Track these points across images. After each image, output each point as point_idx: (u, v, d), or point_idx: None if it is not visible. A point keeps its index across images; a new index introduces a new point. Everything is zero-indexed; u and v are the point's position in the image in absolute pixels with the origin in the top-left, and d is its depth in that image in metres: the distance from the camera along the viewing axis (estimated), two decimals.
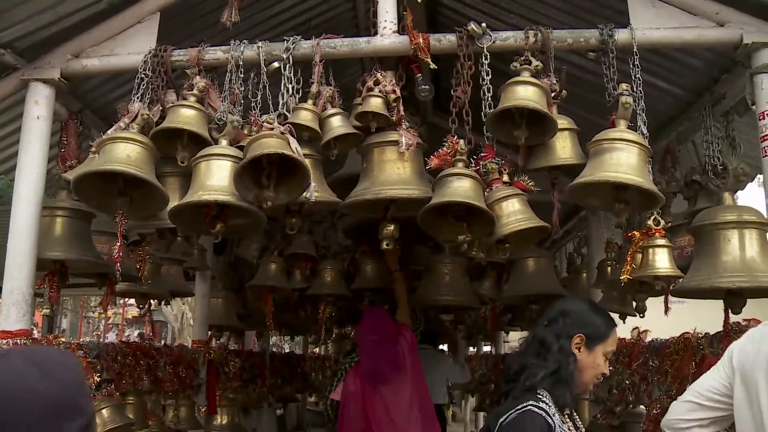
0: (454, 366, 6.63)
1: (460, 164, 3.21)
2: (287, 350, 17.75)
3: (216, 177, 3.14)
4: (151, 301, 5.29)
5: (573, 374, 2.43)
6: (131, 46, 3.50)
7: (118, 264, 3.27)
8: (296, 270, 5.48)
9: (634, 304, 4.51)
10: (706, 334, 3.76)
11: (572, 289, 5.55)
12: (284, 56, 3.39)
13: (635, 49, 3.26)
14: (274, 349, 11.99)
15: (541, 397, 2.34)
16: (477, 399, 9.63)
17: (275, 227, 5.48)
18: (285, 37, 3.43)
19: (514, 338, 10.24)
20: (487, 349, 12.26)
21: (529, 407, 2.28)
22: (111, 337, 25.68)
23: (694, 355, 3.69)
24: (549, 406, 2.31)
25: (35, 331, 3.56)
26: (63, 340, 3.63)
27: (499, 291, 5.51)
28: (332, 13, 4.50)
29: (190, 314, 12.44)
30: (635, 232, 3.30)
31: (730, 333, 3.61)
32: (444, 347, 8.00)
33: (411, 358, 4.51)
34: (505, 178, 3.30)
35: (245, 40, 3.45)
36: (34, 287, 3.33)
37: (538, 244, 5.51)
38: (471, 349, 11.82)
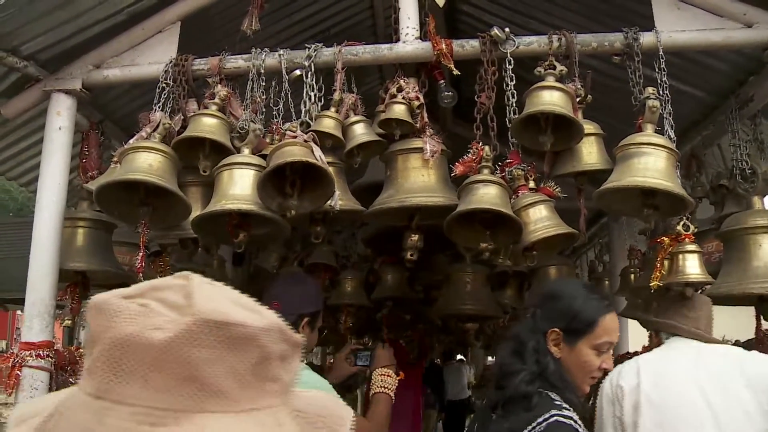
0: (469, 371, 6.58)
1: (485, 171, 3.16)
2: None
3: (239, 186, 3.11)
4: None
5: (562, 376, 2.11)
6: (152, 56, 3.48)
7: (141, 275, 3.24)
8: (316, 280, 5.42)
9: None
10: (736, 341, 3.69)
11: None
12: (306, 64, 3.36)
13: (661, 52, 3.21)
14: None
15: (557, 401, 2.03)
16: None
17: (294, 237, 5.43)
18: (306, 45, 3.41)
19: None
20: None
21: (554, 418, 1.95)
22: None
23: None
24: (572, 411, 2.00)
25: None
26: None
27: (521, 300, 5.43)
28: (350, 22, 4.47)
29: None
30: (664, 238, 3.23)
31: (763, 339, 3.55)
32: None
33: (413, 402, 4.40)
34: (531, 184, 3.25)
35: (266, 48, 3.42)
36: (56, 298, 3.31)
37: (559, 252, 5.46)
38: (489, 358, 11.73)
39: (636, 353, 4.59)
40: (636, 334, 5.20)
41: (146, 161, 3.07)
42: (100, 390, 0.67)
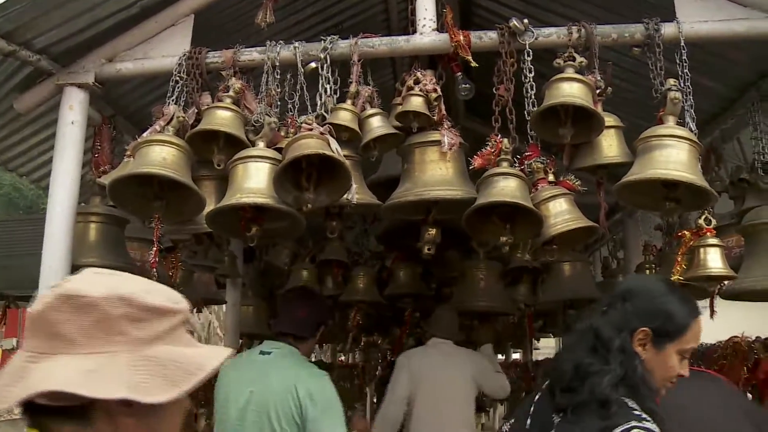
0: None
1: (505, 163, 3.11)
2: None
3: (254, 179, 3.06)
4: None
5: (647, 381, 1.88)
6: (165, 49, 3.43)
7: (155, 270, 3.19)
8: (328, 277, 5.39)
9: None
10: (757, 337, 3.63)
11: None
12: (321, 56, 3.30)
13: (683, 43, 3.14)
14: None
15: (636, 411, 1.79)
16: (507, 407, 9.48)
17: (306, 233, 5.39)
18: (322, 37, 3.35)
19: (546, 345, 10.05)
20: (516, 356, 12.09)
21: (634, 430, 1.72)
22: None
23: (746, 359, 3.56)
24: (653, 423, 1.77)
25: None
26: None
27: (535, 296, 5.38)
28: (364, 15, 4.42)
29: (217, 323, 12.39)
30: (685, 232, 3.17)
31: None
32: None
33: None
34: (551, 177, 3.19)
35: (281, 41, 3.37)
36: None
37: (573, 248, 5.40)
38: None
39: None
40: None
41: (160, 155, 3.02)
42: (22, 344, 1.15)
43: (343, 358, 13.71)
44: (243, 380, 3.29)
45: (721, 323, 3.79)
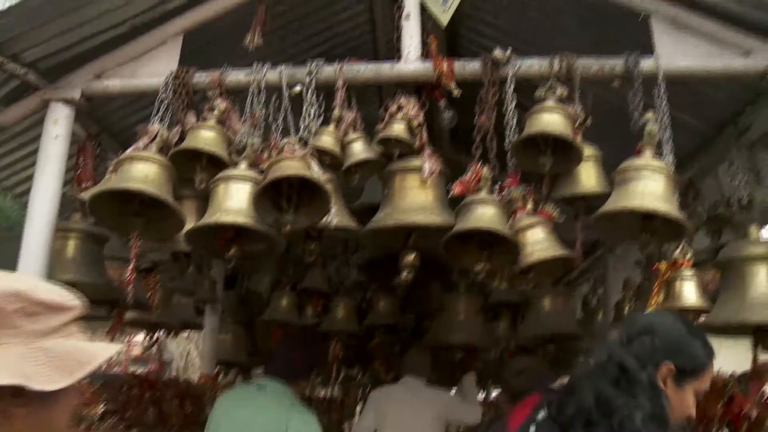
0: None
1: (483, 191, 3.15)
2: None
3: (234, 199, 3.08)
4: (160, 334, 5.19)
5: (668, 419, 1.81)
6: (153, 68, 3.48)
7: (131, 286, 3.19)
8: (308, 305, 5.37)
9: None
10: (732, 373, 3.64)
11: (587, 331, 5.41)
12: (307, 80, 3.36)
13: (660, 78, 3.22)
14: None
15: None
16: None
17: (287, 261, 5.40)
18: (308, 60, 3.41)
19: None
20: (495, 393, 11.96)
21: None
22: None
23: (721, 395, 3.56)
24: None
25: None
26: None
27: (515, 331, 5.38)
28: (352, 44, 4.49)
29: (196, 353, 12.25)
30: (661, 264, 3.21)
31: (760, 372, 3.50)
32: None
33: None
34: (530, 206, 3.23)
35: (268, 63, 3.43)
36: None
37: (553, 283, 5.43)
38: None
39: None
40: None
41: (142, 171, 3.05)
42: None
43: (323, 392, 13.52)
44: (236, 411, 3.27)
45: None
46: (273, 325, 5.35)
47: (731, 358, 4.07)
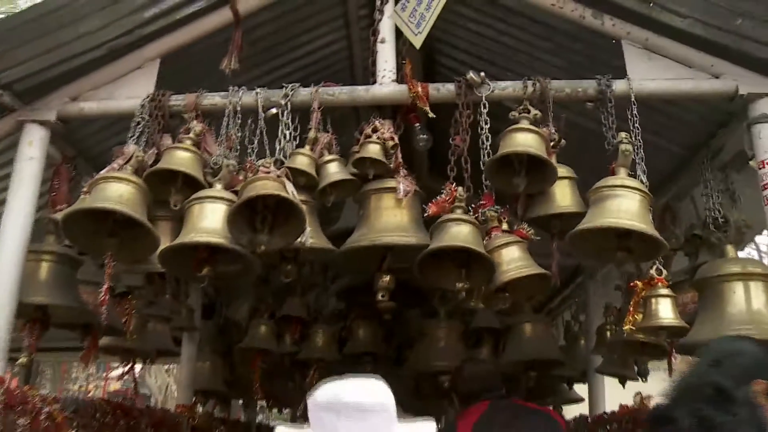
0: None
1: (458, 210, 3.17)
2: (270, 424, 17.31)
3: (209, 219, 3.09)
4: (136, 362, 5.13)
5: None
6: (130, 91, 3.51)
7: (104, 307, 3.17)
8: (287, 333, 5.34)
9: (636, 367, 4.40)
10: None
11: (570, 357, 5.41)
12: (282, 102, 3.40)
13: (633, 99, 3.29)
14: (262, 420, 11.64)
15: None
16: None
17: (266, 289, 5.38)
18: (284, 84, 3.46)
19: None
20: None
21: None
22: None
23: None
24: None
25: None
26: (40, 392, 3.47)
27: (496, 358, 5.37)
28: (331, 70, 4.55)
29: (175, 386, 12.10)
30: (638, 282, 3.23)
31: None
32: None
33: None
34: (505, 226, 3.26)
35: (243, 87, 3.47)
36: (10, 332, 3.20)
37: (535, 311, 5.44)
38: None
39: (613, 414, 4.54)
40: (613, 392, 5.15)
41: (117, 191, 3.05)
42: None
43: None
44: None
45: None
46: (251, 353, 5.31)
47: None
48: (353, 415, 1.70)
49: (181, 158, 3.24)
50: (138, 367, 5.55)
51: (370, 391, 1.77)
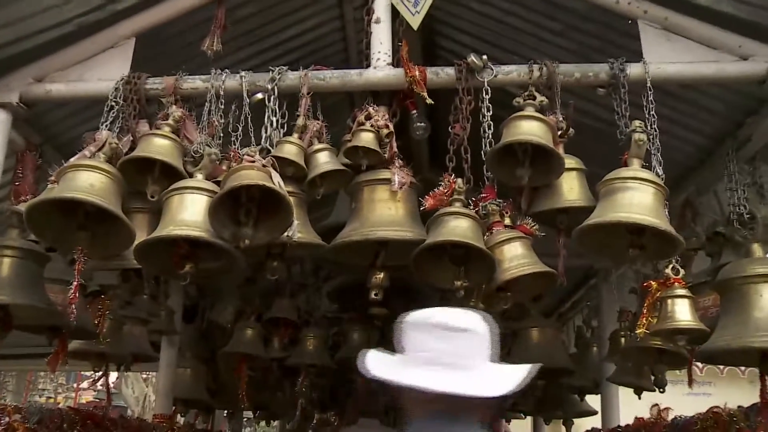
0: None
1: (457, 204, 3.18)
2: None
3: (189, 212, 3.09)
4: (110, 374, 5.14)
5: None
6: (102, 72, 3.51)
7: (73, 306, 3.16)
8: (275, 337, 5.35)
9: (653, 377, 4.41)
10: (739, 407, 3.63)
11: (582, 365, 5.42)
12: (269, 87, 3.40)
13: (648, 84, 3.28)
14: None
15: None
16: None
17: (253, 290, 5.39)
18: (270, 67, 3.45)
19: (518, 427, 9.90)
20: None
21: None
22: None
23: (726, 430, 3.56)
24: None
25: None
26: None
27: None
28: (322, 54, 4.54)
29: (154, 397, 12.10)
30: (652, 282, 3.23)
31: None
32: None
33: None
34: (507, 221, 3.26)
35: (227, 69, 3.47)
36: None
37: (544, 315, 5.44)
38: None
39: (628, 427, 4.55)
40: (627, 404, 5.15)
41: (87, 180, 3.04)
42: None
43: None
44: None
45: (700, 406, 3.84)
46: (237, 358, 5.32)
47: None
48: (441, 334, 1.91)
49: (159, 146, 3.24)
50: (113, 375, 5.55)
51: (460, 316, 1.98)
